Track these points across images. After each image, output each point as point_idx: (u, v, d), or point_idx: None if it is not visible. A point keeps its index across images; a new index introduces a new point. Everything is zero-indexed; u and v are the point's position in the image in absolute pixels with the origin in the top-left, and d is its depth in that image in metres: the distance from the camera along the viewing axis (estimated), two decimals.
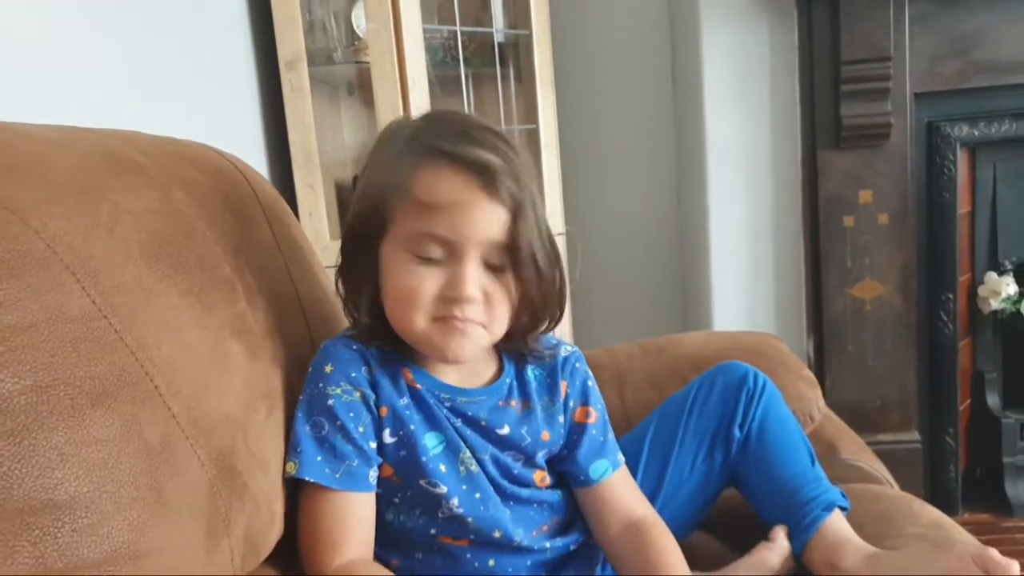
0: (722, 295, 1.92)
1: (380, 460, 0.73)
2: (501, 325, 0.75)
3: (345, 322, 0.91)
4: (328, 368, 0.73)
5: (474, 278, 0.71)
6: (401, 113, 1.63)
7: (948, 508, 1.78)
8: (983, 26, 1.70)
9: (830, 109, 1.74)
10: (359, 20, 1.76)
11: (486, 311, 0.72)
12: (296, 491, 0.71)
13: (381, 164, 0.73)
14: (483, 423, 0.77)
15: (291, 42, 1.61)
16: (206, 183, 0.74)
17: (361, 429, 0.71)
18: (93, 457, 0.47)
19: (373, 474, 0.72)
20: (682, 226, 2.26)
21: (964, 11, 1.70)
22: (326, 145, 1.74)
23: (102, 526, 0.46)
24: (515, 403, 0.80)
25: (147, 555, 0.49)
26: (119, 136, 0.69)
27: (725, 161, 1.86)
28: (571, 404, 0.83)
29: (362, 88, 1.90)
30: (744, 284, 1.90)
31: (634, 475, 0.89)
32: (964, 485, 1.90)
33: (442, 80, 1.88)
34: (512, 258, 0.72)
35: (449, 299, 0.70)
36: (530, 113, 1.93)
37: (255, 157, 1.61)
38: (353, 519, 0.70)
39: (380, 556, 0.75)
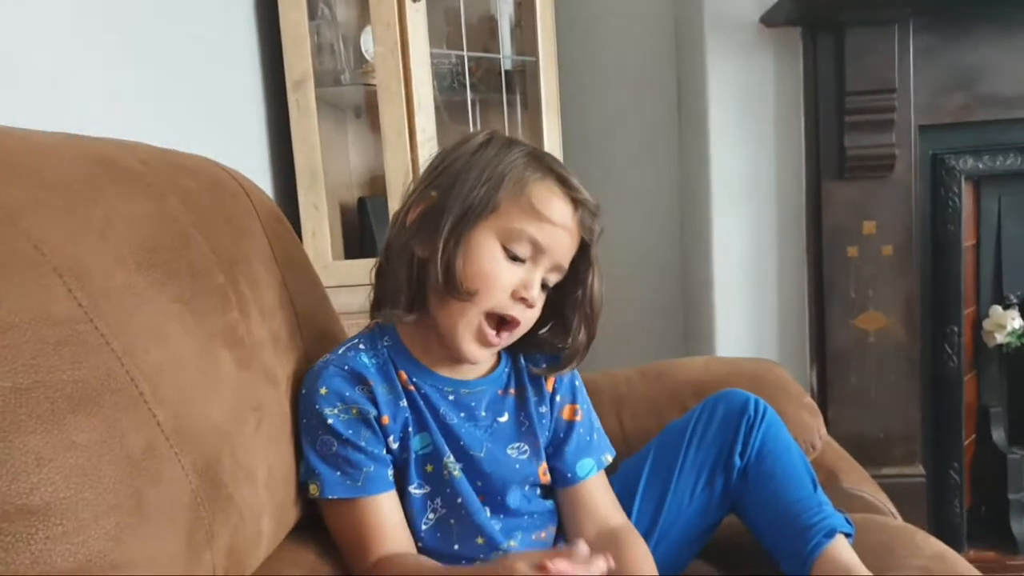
0: (725, 325, 1.90)
1: (391, 459, 0.78)
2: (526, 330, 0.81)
3: (340, 337, 0.90)
4: (323, 390, 0.76)
5: (539, 286, 0.79)
6: (407, 136, 1.63)
7: (953, 545, 1.71)
8: (987, 60, 1.70)
9: (834, 140, 1.73)
10: (367, 43, 1.77)
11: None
12: (313, 507, 0.77)
13: (496, 162, 0.78)
14: (484, 413, 0.82)
15: (299, 63, 1.62)
16: (204, 193, 0.73)
17: (363, 443, 0.76)
18: (71, 463, 0.46)
19: (390, 472, 0.78)
20: (684, 254, 2.25)
21: (968, 45, 1.70)
22: (331, 166, 1.74)
23: (77, 534, 0.45)
24: (513, 391, 0.85)
25: (124, 566, 0.47)
26: (117, 144, 0.69)
27: (729, 190, 1.85)
28: (558, 399, 0.87)
29: (369, 111, 1.91)
30: (747, 313, 1.89)
31: (632, 502, 0.90)
32: (969, 522, 1.86)
33: (449, 105, 1.89)
34: (569, 279, 0.82)
35: (517, 298, 0.78)
36: (535, 140, 1.93)
37: (260, 175, 1.61)
38: (382, 517, 0.76)
39: None
